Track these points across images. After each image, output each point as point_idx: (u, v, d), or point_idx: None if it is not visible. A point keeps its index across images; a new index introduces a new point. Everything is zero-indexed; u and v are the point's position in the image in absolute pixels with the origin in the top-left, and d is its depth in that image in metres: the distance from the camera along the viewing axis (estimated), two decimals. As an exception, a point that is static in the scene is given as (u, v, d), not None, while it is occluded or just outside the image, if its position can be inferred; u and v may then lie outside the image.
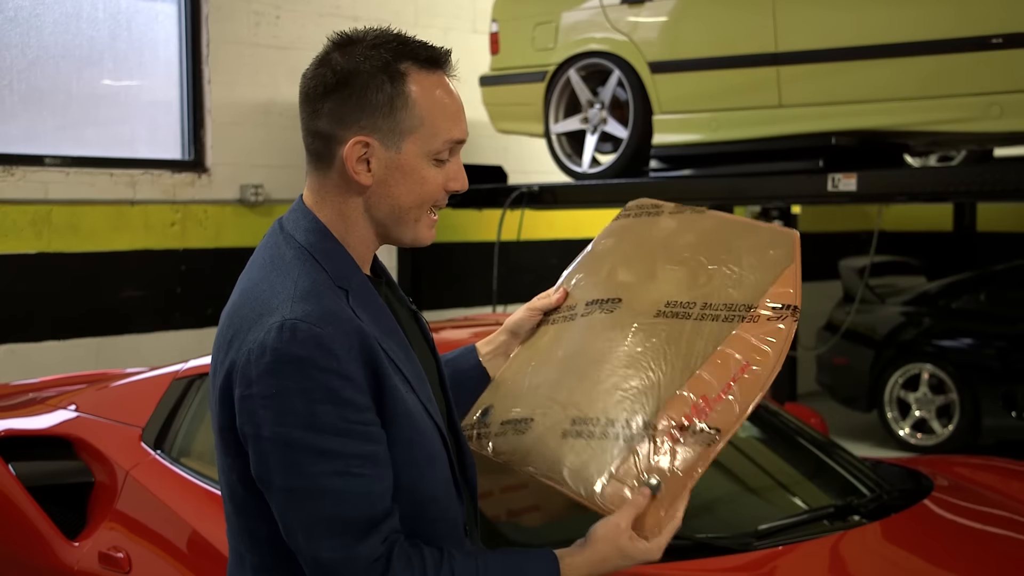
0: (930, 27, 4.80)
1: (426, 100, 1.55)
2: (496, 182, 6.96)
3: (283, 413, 1.45)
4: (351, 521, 1.45)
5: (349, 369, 1.46)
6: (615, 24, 5.84)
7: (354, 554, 1.44)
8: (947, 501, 3.01)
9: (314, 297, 1.50)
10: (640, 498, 1.54)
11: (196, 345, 6.21)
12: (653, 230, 1.85)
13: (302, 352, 1.44)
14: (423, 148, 1.56)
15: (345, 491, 1.45)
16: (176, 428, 3.22)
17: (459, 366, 1.87)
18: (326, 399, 1.44)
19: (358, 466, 1.45)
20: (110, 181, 6.19)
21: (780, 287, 1.63)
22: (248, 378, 1.48)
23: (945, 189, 5.14)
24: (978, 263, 8.38)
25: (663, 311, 1.68)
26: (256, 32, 6.74)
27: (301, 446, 1.44)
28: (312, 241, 1.57)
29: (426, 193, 1.57)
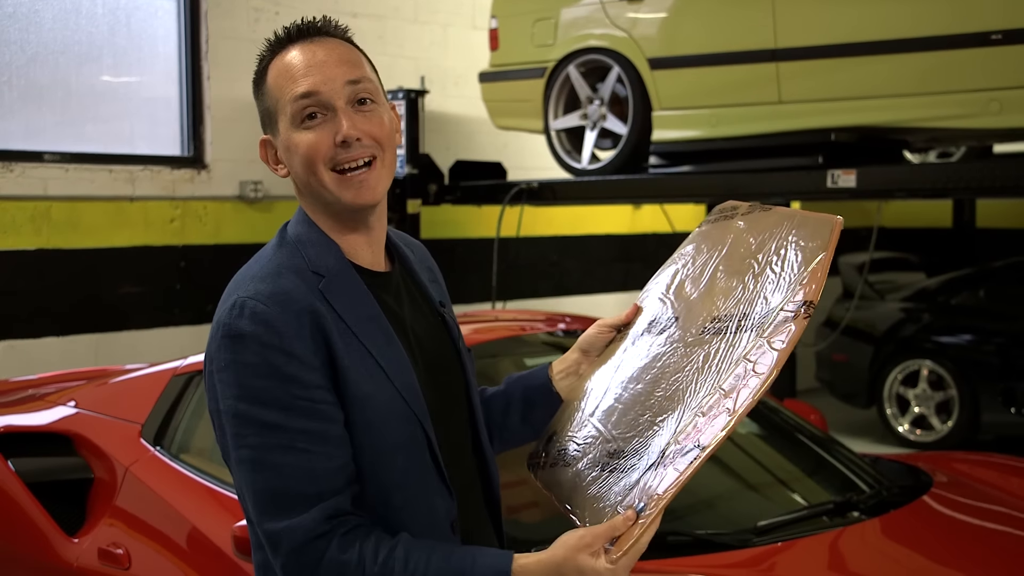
0: (929, 23, 4.79)
1: (273, 80, 1.62)
2: (495, 178, 6.96)
3: (231, 385, 1.51)
4: (294, 496, 1.47)
5: (294, 346, 1.49)
6: (614, 20, 5.84)
7: (295, 527, 1.47)
8: (946, 497, 3.01)
9: (271, 277, 1.55)
10: (620, 521, 1.47)
11: (195, 341, 6.21)
12: (725, 235, 1.83)
13: (247, 328, 1.50)
14: (286, 120, 1.60)
15: (288, 465, 1.48)
16: (175, 424, 3.22)
17: (529, 383, 1.86)
18: (270, 374, 1.48)
19: (303, 442, 1.48)
20: (109, 177, 6.18)
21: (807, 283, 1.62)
22: (209, 354, 1.56)
23: (944, 185, 5.14)
24: (977, 259, 8.38)
25: (707, 327, 1.67)
26: (255, 28, 6.74)
27: (247, 418, 1.49)
28: (299, 232, 1.63)
29: (305, 156, 1.58)
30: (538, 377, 1.85)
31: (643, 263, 9.19)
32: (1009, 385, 6.70)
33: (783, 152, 5.38)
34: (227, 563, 2.69)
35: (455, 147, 7.76)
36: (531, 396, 1.83)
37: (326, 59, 1.59)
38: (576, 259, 8.72)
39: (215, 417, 1.58)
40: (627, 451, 1.59)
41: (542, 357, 3.57)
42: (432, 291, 1.75)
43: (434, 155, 7.12)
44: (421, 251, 1.81)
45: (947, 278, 7.50)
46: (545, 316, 4.05)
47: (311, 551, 1.47)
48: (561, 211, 8.41)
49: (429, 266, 1.80)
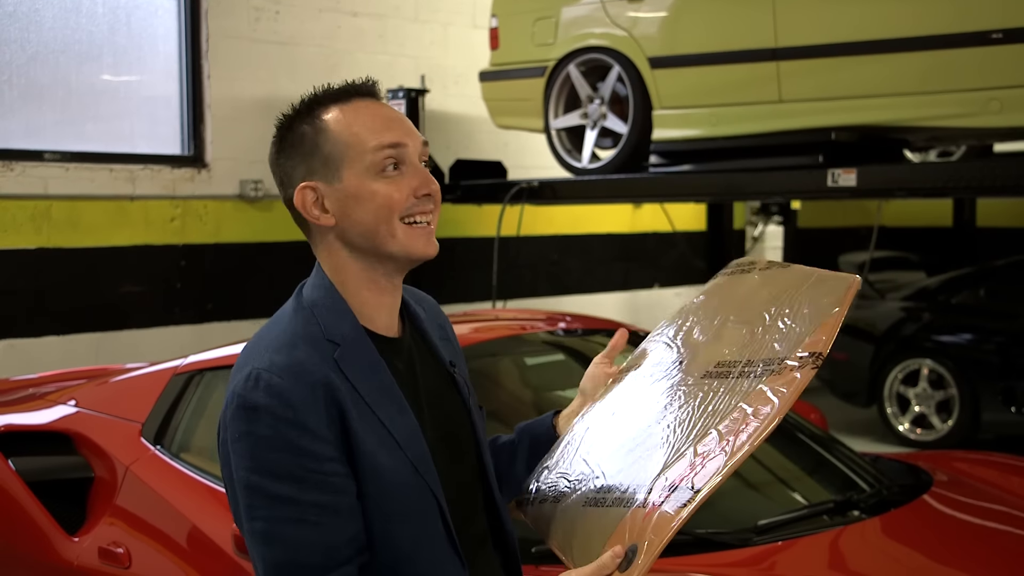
0: (929, 22, 4.79)
1: (345, 125, 1.59)
2: (496, 177, 6.96)
3: (244, 457, 1.51)
4: (304, 567, 1.48)
5: (307, 420, 1.49)
6: (615, 19, 5.84)
7: None
8: (946, 496, 3.01)
9: (287, 348, 1.55)
10: (608, 558, 1.46)
11: (196, 340, 6.21)
12: (739, 288, 1.84)
13: (261, 400, 1.50)
14: (360, 168, 1.58)
15: (299, 538, 1.49)
16: (176, 423, 3.22)
17: (534, 431, 1.87)
18: (283, 447, 1.49)
19: (314, 515, 1.49)
20: (110, 176, 6.19)
21: (817, 336, 1.61)
22: (223, 423, 1.57)
23: (945, 184, 5.14)
24: (978, 258, 8.37)
25: (711, 371, 1.67)
26: (256, 27, 6.74)
27: (259, 490, 1.50)
28: (315, 297, 1.62)
29: (383, 206, 1.57)
30: (543, 424, 1.87)
31: (643, 262, 9.19)
32: (1009, 384, 6.70)
33: (783, 151, 5.38)
34: (227, 562, 2.69)
35: (455, 146, 7.77)
36: (536, 444, 1.85)
37: (402, 117, 1.63)
38: (576, 258, 8.72)
39: (228, 486, 1.58)
40: (616, 487, 1.58)
41: (542, 356, 3.57)
42: (443, 350, 1.74)
43: (434, 154, 7.12)
44: (432, 308, 1.81)
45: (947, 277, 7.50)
46: (545, 315, 4.05)
47: None
48: (561, 210, 8.41)
49: (440, 323, 1.79)
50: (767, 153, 5.44)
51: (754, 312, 1.73)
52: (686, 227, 8.92)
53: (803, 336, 1.61)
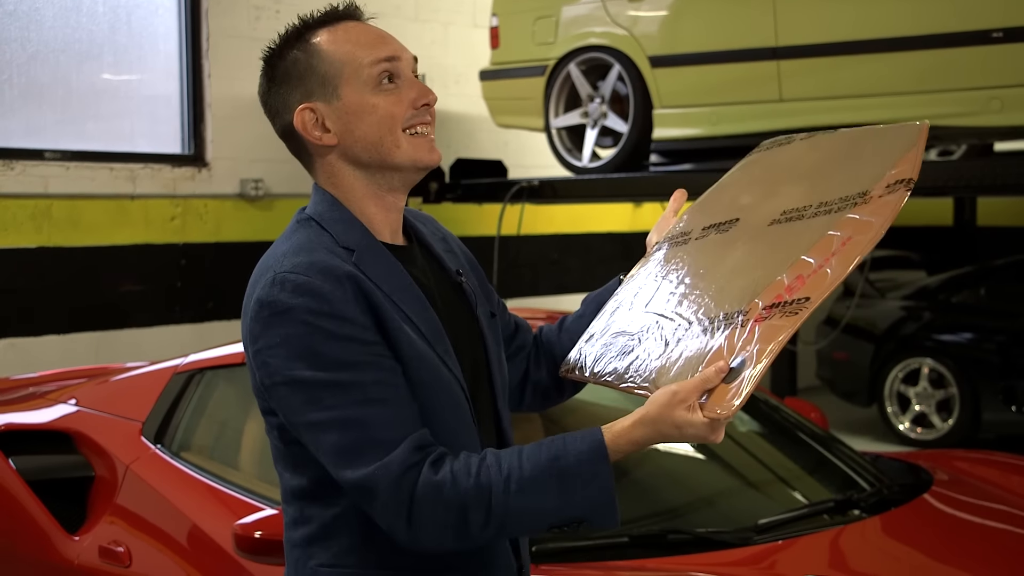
0: (930, 21, 4.79)
1: (337, 44, 1.61)
2: (496, 176, 6.95)
3: (290, 359, 1.50)
4: (377, 441, 1.48)
5: (344, 311, 1.50)
6: (615, 18, 5.84)
7: (383, 469, 1.46)
8: (947, 495, 3.01)
9: (305, 251, 1.55)
10: (712, 372, 1.44)
11: (196, 339, 6.21)
12: (781, 157, 1.78)
13: (293, 301, 1.50)
14: (357, 83, 1.60)
15: (369, 416, 1.48)
16: (176, 422, 3.22)
17: (601, 298, 1.86)
18: (327, 339, 1.49)
19: (377, 392, 1.49)
20: (110, 175, 6.19)
21: (898, 168, 1.55)
22: (254, 335, 1.54)
23: (945, 183, 5.14)
24: (978, 257, 8.37)
25: (778, 219, 1.62)
26: (256, 26, 6.74)
27: (315, 383, 1.49)
28: (320, 210, 1.63)
29: (385, 117, 1.60)
30: (609, 292, 1.85)
31: (644, 261, 9.19)
32: (1010, 383, 6.70)
33: (784, 150, 5.38)
34: (228, 561, 2.69)
35: (456, 145, 7.76)
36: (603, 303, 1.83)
37: (390, 34, 1.66)
38: (577, 257, 8.72)
39: (263, 394, 1.57)
40: (698, 322, 1.54)
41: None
42: (448, 261, 1.75)
43: (435, 153, 7.10)
44: (432, 223, 1.82)
45: (948, 276, 7.50)
46: (546, 314, 4.05)
47: (406, 481, 1.46)
48: (562, 209, 8.41)
49: (443, 236, 1.81)
50: (767, 152, 5.43)
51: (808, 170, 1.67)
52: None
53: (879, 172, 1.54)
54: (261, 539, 2.42)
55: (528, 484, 1.46)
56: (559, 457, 1.46)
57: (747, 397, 1.41)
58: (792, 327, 1.45)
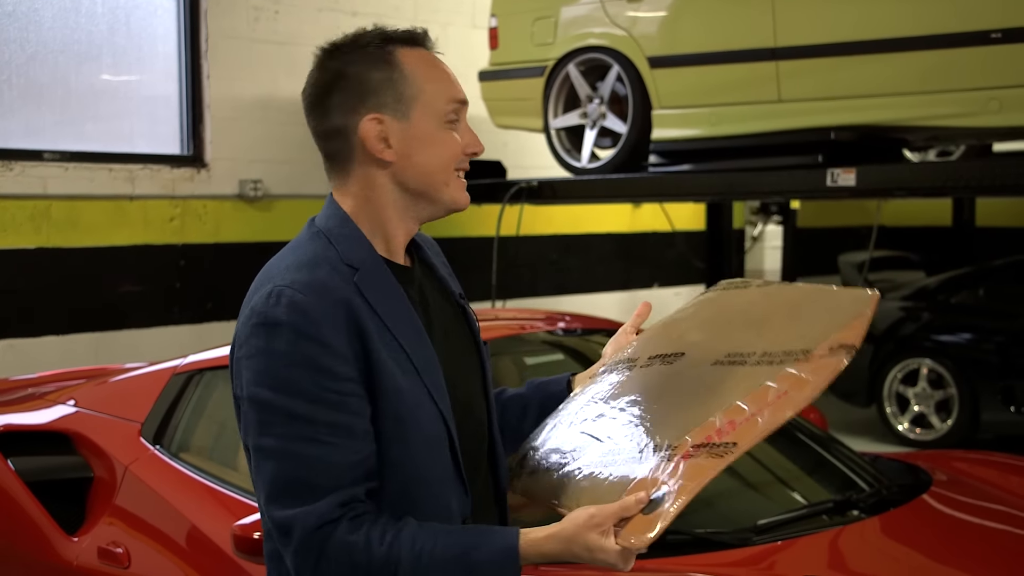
0: (929, 22, 4.79)
1: (419, 70, 1.63)
2: (495, 177, 6.95)
3: (260, 373, 1.51)
4: (311, 486, 1.48)
5: (329, 337, 1.50)
6: (614, 19, 5.84)
7: (303, 516, 1.48)
8: (946, 496, 3.01)
9: (308, 268, 1.56)
10: (631, 501, 1.46)
11: (195, 340, 6.21)
12: (736, 300, 1.82)
13: (283, 317, 1.50)
14: (430, 113, 1.62)
15: (311, 457, 1.49)
16: (175, 423, 3.22)
17: (548, 391, 1.87)
18: (302, 363, 1.49)
19: (327, 434, 1.49)
20: (109, 176, 6.18)
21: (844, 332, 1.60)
22: (239, 340, 1.56)
23: (944, 184, 5.14)
24: (977, 258, 8.37)
25: (721, 361, 1.65)
26: (255, 27, 6.74)
27: (273, 407, 1.50)
28: (330, 225, 1.63)
29: (447, 155, 1.63)
30: (559, 384, 1.86)
31: (643, 262, 9.19)
32: (1009, 384, 6.69)
33: (783, 151, 5.38)
34: (227, 562, 2.69)
35: (455, 146, 7.75)
36: (547, 404, 1.84)
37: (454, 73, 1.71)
38: (576, 258, 8.72)
39: (237, 403, 1.59)
40: (627, 450, 1.57)
41: (542, 356, 3.58)
42: (451, 282, 1.77)
43: (434, 154, 7.10)
44: (432, 245, 1.83)
45: (947, 277, 7.50)
46: (545, 315, 4.05)
47: (320, 535, 1.48)
48: (561, 210, 8.41)
49: (443, 261, 1.82)
50: (766, 153, 5.44)
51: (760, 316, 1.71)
52: (685, 227, 8.92)
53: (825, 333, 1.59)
54: (260, 540, 2.41)
55: (435, 567, 1.47)
56: (472, 549, 1.48)
57: (661, 532, 1.44)
58: (715, 469, 1.48)
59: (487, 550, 1.48)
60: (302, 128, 1.77)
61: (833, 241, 9.44)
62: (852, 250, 8.07)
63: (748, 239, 9.50)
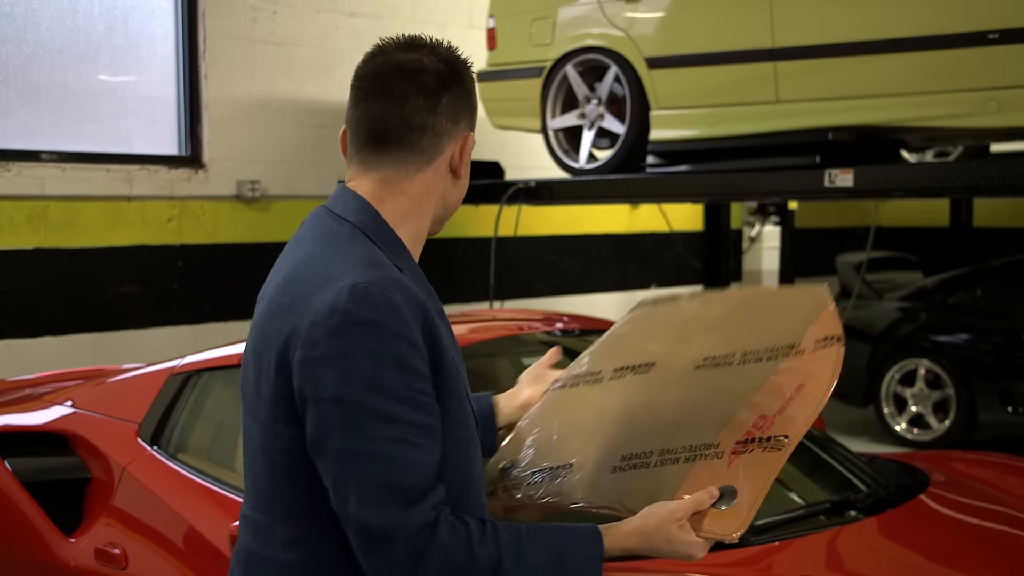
0: (927, 22, 4.79)
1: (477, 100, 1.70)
2: (493, 178, 6.95)
3: (350, 374, 1.45)
4: (405, 488, 1.45)
5: (416, 337, 1.48)
6: (612, 20, 5.84)
7: (405, 520, 1.44)
8: (943, 496, 3.01)
9: (380, 266, 1.52)
10: (705, 496, 1.53)
11: (193, 340, 6.21)
12: (675, 312, 1.82)
13: (374, 315, 1.46)
14: (471, 147, 1.67)
15: (403, 459, 1.45)
16: (173, 424, 3.22)
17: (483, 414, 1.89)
18: (394, 364, 1.46)
19: (416, 435, 1.47)
20: (107, 177, 6.18)
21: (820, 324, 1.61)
22: (313, 339, 1.48)
23: (942, 184, 5.13)
24: (975, 258, 8.38)
25: (702, 365, 1.66)
26: (253, 27, 6.73)
27: (365, 408, 1.45)
28: (364, 221, 1.59)
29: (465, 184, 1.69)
30: (480, 403, 1.88)
31: (640, 262, 9.19)
32: (1006, 384, 6.70)
33: (781, 151, 5.38)
34: (224, 563, 2.69)
35: (453, 146, 7.75)
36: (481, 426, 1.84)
37: None
38: (574, 259, 8.72)
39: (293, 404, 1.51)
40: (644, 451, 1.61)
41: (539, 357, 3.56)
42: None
43: (432, 154, 7.10)
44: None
45: (944, 277, 7.51)
46: (543, 316, 4.05)
47: (422, 538, 1.45)
48: (559, 211, 8.41)
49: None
50: (764, 153, 5.44)
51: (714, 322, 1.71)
52: (683, 227, 8.93)
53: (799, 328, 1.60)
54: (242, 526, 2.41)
55: (532, 567, 1.49)
56: (564, 548, 1.51)
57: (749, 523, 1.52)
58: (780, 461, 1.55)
59: (577, 549, 1.52)
60: (300, 128, 1.77)
61: (831, 242, 9.44)
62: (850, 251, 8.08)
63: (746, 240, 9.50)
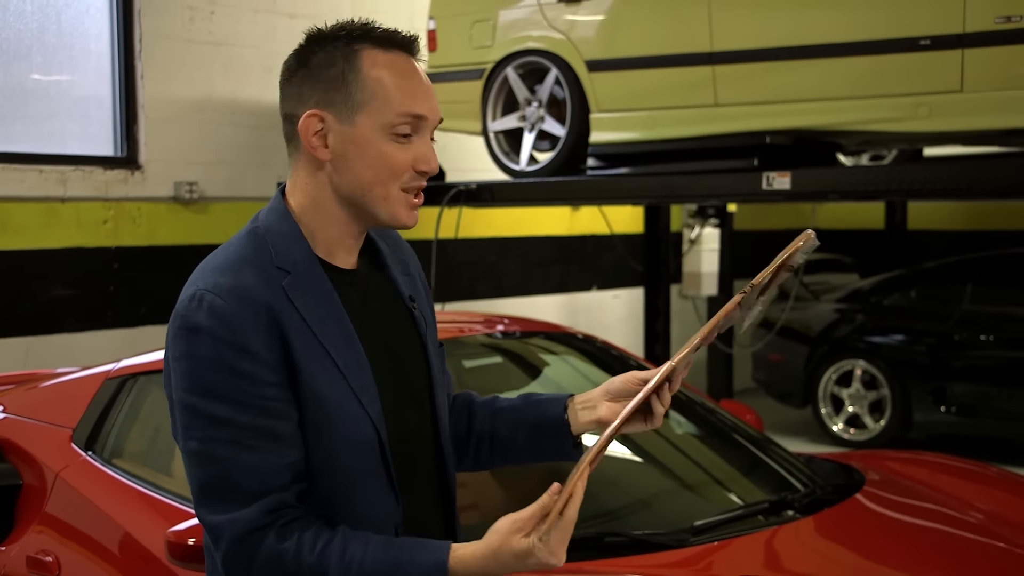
0: (861, 28, 4.86)
1: (378, 74, 1.58)
2: (434, 180, 6.93)
3: (184, 377, 1.52)
4: (237, 490, 1.49)
5: (249, 343, 1.49)
6: (552, 22, 5.85)
7: (237, 520, 1.49)
8: (878, 495, 3.06)
9: (232, 271, 1.54)
10: (545, 497, 1.45)
11: (129, 344, 6.11)
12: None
13: (203, 321, 1.50)
14: (377, 121, 1.56)
15: (234, 459, 1.49)
16: (108, 429, 3.17)
17: (544, 412, 1.78)
18: (222, 368, 1.49)
19: (250, 438, 1.50)
20: (40, 177, 6.07)
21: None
22: (167, 341, 1.57)
23: (877, 188, 5.21)
24: (909, 261, 8.53)
25: None
26: (190, 27, 6.65)
27: (196, 411, 1.51)
28: (269, 221, 1.61)
29: (386, 168, 1.57)
30: (555, 407, 1.77)
31: (581, 265, 9.22)
32: (940, 385, 6.83)
33: (719, 154, 5.43)
34: (160, 569, 2.65)
35: (393, 148, 7.72)
36: (543, 425, 1.78)
37: (431, 88, 1.63)
38: (515, 261, 8.73)
39: (170, 405, 1.60)
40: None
41: (480, 359, 3.57)
42: (403, 285, 1.73)
43: (372, 156, 7.06)
44: (396, 243, 1.79)
45: (880, 279, 7.63)
46: (483, 317, 4.05)
47: (251, 542, 1.49)
48: (499, 213, 8.41)
49: (403, 259, 1.78)
50: (703, 156, 5.49)
51: None
52: (624, 230, 8.97)
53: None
54: (194, 546, 2.38)
55: None
56: (403, 564, 1.47)
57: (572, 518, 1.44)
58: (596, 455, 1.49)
59: (418, 565, 1.47)
60: (238, 129, 1.75)
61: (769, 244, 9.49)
62: (787, 253, 8.16)
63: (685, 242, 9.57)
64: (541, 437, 1.78)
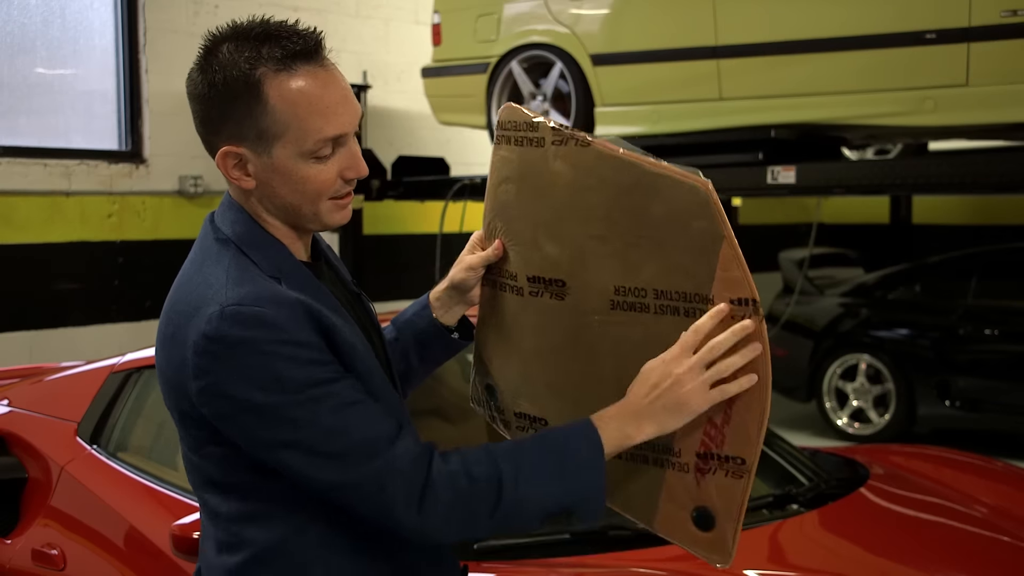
0: (867, 22, 4.86)
1: (287, 103, 1.49)
2: (438, 174, 6.93)
3: (253, 389, 1.43)
4: (370, 439, 1.45)
5: (299, 337, 1.46)
6: (557, 16, 5.85)
7: (393, 458, 1.45)
8: (882, 489, 3.06)
9: (248, 281, 1.50)
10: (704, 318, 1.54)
11: (134, 338, 6.12)
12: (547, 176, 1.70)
13: (247, 333, 1.44)
14: (295, 151, 1.51)
15: (351, 421, 1.45)
16: (113, 422, 3.17)
17: (417, 327, 1.87)
18: (289, 365, 1.44)
19: (350, 396, 1.46)
20: (44, 171, 6.08)
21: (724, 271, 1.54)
22: (203, 369, 1.46)
23: (881, 182, 5.21)
24: (914, 255, 8.51)
25: (616, 301, 1.62)
26: (195, 21, 6.65)
27: (287, 406, 1.44)
28: (239, 232, 1.57)
29: (312, 190, 1.54)
30: (423, 318, 1.87)
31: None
32: (944, 378, 6.81)
33: (724, 148, 5.43)
34: (166, 562, 2.66)
35: (398, 142, 7.73)
36: (423, 338, 1.87)
37: (346, 93, 1.54)
38: (519, 255, 8.72)
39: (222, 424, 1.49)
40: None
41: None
42: (342, 271, 1.75)
43: (377, 150, 7.09)
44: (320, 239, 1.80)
45: (884, 273, 7.61)
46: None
47: (418, 470, 1.45)
48: (504, 207, 8.41)
49: (330, 247, 1.79)
50: (708, 150, 5.49)
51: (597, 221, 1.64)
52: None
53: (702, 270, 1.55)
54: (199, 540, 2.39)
55: (534, 473, 1.49)
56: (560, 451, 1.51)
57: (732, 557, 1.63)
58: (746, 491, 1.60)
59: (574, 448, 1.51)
60: (241, 123, 1.74)
61: (774, 238, 9.53)
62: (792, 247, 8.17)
63: (690, 236, 9.57)
64: (428, 348, 1.87)
